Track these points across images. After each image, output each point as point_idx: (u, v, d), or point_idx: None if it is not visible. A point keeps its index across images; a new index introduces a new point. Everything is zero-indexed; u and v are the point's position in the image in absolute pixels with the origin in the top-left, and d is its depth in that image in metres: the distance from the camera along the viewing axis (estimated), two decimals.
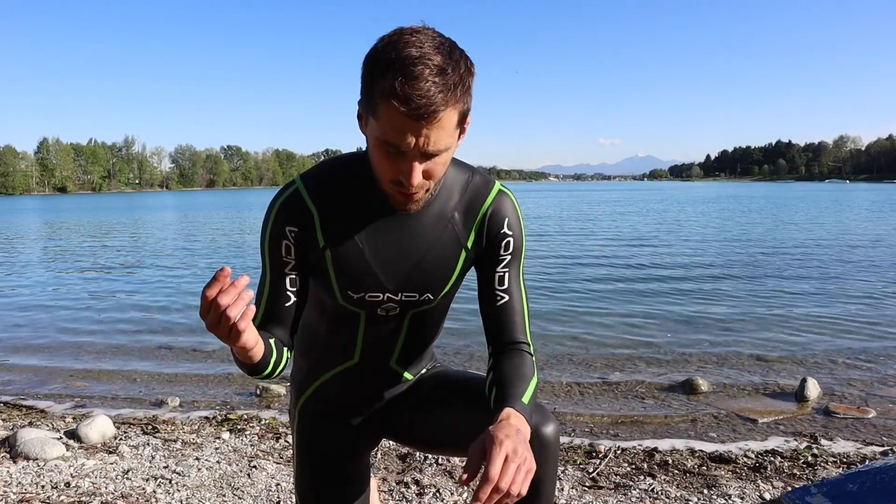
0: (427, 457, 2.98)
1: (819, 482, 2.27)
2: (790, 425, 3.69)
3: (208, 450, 3.16)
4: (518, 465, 0.99)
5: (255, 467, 2.92)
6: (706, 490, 2.65)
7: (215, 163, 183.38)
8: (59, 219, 33.89)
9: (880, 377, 4.61)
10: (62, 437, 3.30)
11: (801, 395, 4.13)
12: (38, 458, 2.98)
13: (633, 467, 2.92)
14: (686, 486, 2.69)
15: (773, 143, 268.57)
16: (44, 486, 2.69)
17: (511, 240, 1.32)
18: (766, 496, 2.58)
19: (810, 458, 3.01)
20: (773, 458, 3.01)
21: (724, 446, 3.27)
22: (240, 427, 3.53)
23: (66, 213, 42.25)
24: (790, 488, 2.57)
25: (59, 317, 7.39)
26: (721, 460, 3.00)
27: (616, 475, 2.83)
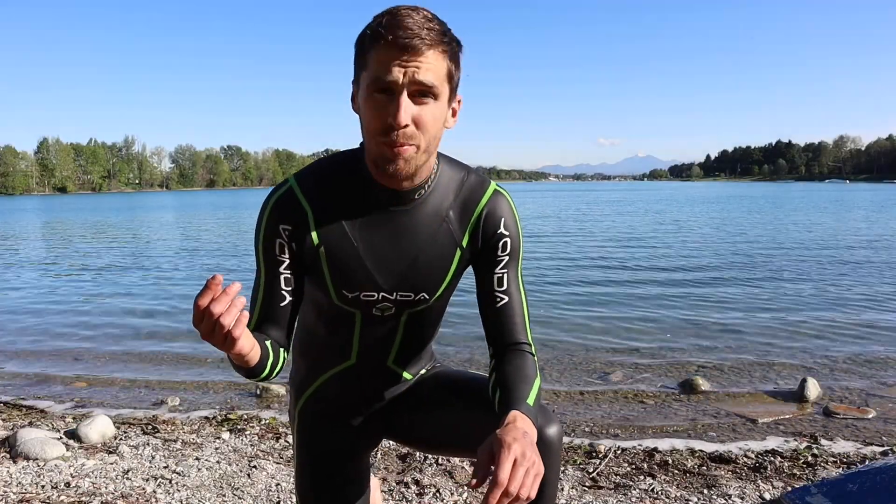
0: (427, 457, 2.98)
1: (819, 482, 2.27)
2: (790, 425, 3.69)
3: (208, 450, 3.16)
4: (527, 469, 0.99)
5: (255, 467, 2.92)
6: (706, 490, 2.65)
7: (215, 163, 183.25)
8: (58, 218, 33.88)
9: (880, 377, 4.61)
10: (62, 437, 3.29)
11: (801, 396, 4.13)
12: (38, 458, 2.98)
13: (633, 467, 2.92)
14: (686, 486, 2.69)
15: (773, 143, 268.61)
16: (44, 486, 2.69)
17: (508, 240, 1.31)
18: (766, 496, 2.58)
19: (810, 458, 3.01)
20: (773, 458, 3.01)
21: (724, 446, 3.27)
22: (240, 427, 3.53)
23: (66, 213, 42.23)
24: (790, 488, 2.57)
25: (59, 317, 7.38)
26: (721, 460, 3.00)
27: (616, 475, 2.83)
